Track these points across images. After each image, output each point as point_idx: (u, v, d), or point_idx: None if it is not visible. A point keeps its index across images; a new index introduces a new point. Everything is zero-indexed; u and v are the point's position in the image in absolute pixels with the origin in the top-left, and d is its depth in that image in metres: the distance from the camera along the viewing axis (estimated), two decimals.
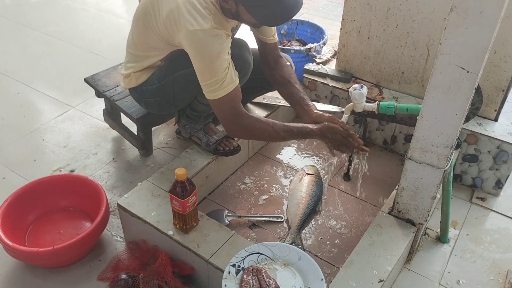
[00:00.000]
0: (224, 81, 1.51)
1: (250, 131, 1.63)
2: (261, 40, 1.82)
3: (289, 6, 1.46)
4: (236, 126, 1.62)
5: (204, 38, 1.48)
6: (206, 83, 1.53)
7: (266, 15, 1.47)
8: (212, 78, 1.50)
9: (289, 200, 1.86)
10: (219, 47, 1.50)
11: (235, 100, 1.58)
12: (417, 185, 1.51)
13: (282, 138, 1.68)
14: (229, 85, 1.53)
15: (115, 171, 2.12)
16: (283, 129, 1.64)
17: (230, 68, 1.53)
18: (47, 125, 2.41)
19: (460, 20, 1.15)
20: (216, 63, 1.49)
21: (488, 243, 1.81)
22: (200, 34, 1.47)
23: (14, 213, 1.70)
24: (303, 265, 1.40)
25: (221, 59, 1.50)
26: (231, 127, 1.63)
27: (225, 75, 1.51)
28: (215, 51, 1.49)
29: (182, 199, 1.45)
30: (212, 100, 1.56)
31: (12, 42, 3.27)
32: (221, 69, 1.50)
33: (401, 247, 1.53)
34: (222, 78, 1.51)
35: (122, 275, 1.54)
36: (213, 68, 1.50)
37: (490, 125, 1.95)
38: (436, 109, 1.32)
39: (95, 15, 3.73)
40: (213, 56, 1.49)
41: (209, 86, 1.52)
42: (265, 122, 1.64)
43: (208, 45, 1.48)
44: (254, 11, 1.47)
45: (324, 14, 3.82)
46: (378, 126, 2.17)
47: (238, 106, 1.59)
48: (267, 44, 1.83)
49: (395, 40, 2.03)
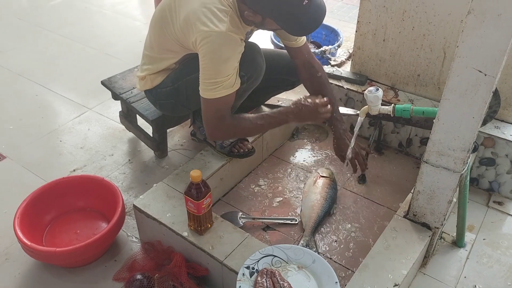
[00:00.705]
0: (224, 84, 1.53)
1: (229, 131, 1.66)
2: (286, 44, 1.83)
3: (316, 15, 1.49)
4: (218, 129, 1.63)
5: (218, 40, 1.49)
6: (205, 81, 1.54)
7: (295, 26, 1.50)
8: (213, 78, 1.52)
9: (303, 202, 1.86)
10: (231, 53, 1.51)
11: (225, 107, 1.59)
12: (433, 188, 1.49)
13: (261, 127, 1.68)
14: (227, 89, 1.54)
15: (131, 172, 2.15)
16: (259, 117, 1.65)
17: (234, 75, 1.55)
18: (65, 127, 2.45)
19: (477, 22, 1.14)
20: (222, 67, 1.51)
21: (505, 248, 1.78)
22: (215, 36, 1.49)
23: (32, 213, 1.72)
24: (317, 268, 1.40)
25: (228, 65, 1.51)
26: (214, 131, 1.65)
27: (226, 79, 1.53)
28: (226, 55, 1.51)
29: (197, 201, 1.46)
30: (204, 98, 1.57)
31: (30, 44, 3.32)
32: (225, 73, 1.52)
33: (416, 251, 1.51)
34: (223, 81, 1.52)
35: (138, 276, 1.55)
36: (218, 70, 1.52)
37: (508, 128, 1.92)
38: (453, 113, 1.31)
39: (111, 18, 3.77)
40: (222, 59, 1.51)
41: (207, 85, 1.54)
42: (242, 117, 1.66)
43: (220, 48, 1.50)
44: (283, 23, 1.49)
45: (339, 16, 3.81)
46: (393, 129, 2.16)
47: (225, 111, 1.60)
48: (291, 49, 1.84)
49: (411, 42, 2.01)
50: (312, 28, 1.53)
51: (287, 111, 1.66)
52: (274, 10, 1.47)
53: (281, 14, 1.47)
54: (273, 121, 1.66)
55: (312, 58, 1.87)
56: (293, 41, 1.81)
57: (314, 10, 1.47)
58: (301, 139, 2.28)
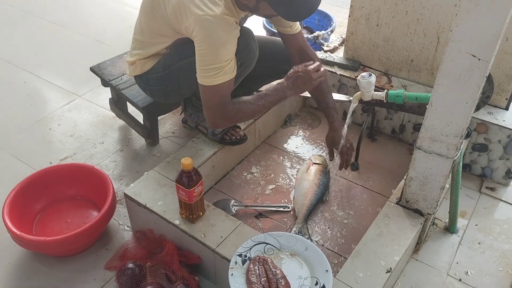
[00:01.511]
0: (225, 69, 1.49)
1: (233, 117, 1.63)
2: (280, 31, 1.80)
3: (311, 1, 1.45)
4: (221, 117, 1.60)
5: (214, 23, 1.46)
6: (204, 68, 1.50)
7: (290, 11, 1.46)
8: (213, 64, 1.48)
9: (296, 189, 1.85)
10: (228, 36, 1.48)
11: (226, 93, 1.56)
12: (426, 175, 1.49)
13: (263, 107, 1.64)
14: (227, 74, 1.51)
15: (122, 160, 2.12)
16: (258, 97, 1.62)
17: (233, 60, 1.51)
18: (54, 114, 2.41)
19: (471, 6, 1.12)
20: (221, 51, 1.47)
21: (497, 233, 1.79)
22: (210, 20, 1.45)
23: (21, 202, 1.70)
24: (310, 255, 1.39)
25: (226, 48, 1.48)
26: (216, 119, 1.61)
27: (226, 64, 1.49)
28: (223, 38, 1.47)
29: (188, 189, 1.44)
30: (205, 86, 1.53)
31: (18, 30, 3.26)
32: (224, 58, 1.48)
33: (409, 237, 1.51)
34: (223, 67, 1.49)
35: (129, 264, 1.54)
36: (217, 55, 1.48)
37: (500, 114, 1.91)
38: (446, 98, 1.30)
39: (100, 3, 3.70)
40: (220, 43, 1.47)
41: (207, 72, 1.50)
42: (242, 101, 1.61)
43: (216, 31, 1.46)
44: (277, 7, 1.45)
45: (332, 1, 3.76)
46: (387, 115, 2.14)
47: (227, 99, 1.57)
48: (285, 36, 1.80)
49: (404, 27, 1.99)
50: (306, 13, 1.49)
51: (283, 87, 1.62)
52: None
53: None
54: (272, 99, 1.62)
55: (306, 46, 1.84)
56: (288, 28, 1.77)
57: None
58: (294, 126, 2.27)
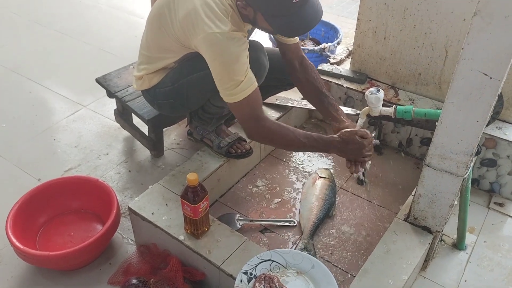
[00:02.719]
0: (243, 83, 1.48)
1: (271, 135, 1.59)
2: (280, 41, 1.78)
3: (308, 17, 1.43)
4: (256, 130, 1.58)
5: (223, 41, 1.45)
6: (224, 87, 1.50)
7: (284, 26, 1.44)
8: (231, 81, 1.48)
9: (302, 204, 1.83)
10: (238, 50, 1.47)
11: (256, 103, 1.54)
12: (435, 192, 1.47)
13: (303, 145, 1.60)
14: (248, 87, 1.49)
15: (126, 172, 2.11)
16: (303, 135, 1.59)
17: (249, 71, 1.50)
18: (59, 125, 2.41)
19: (484, 24, 1.10)
20: (235, 66, 1.47)
21: (506, 250, 1.76)
22: (219, 37, 1.44)
23: (25, 215, 1.69)
24: (317, 274, 1.37)
25: (240, 63, 1.47)
26: (251, 131, 1.60)
27: (244, 78, 1.48)
28: (234, 54, 1.46)
29: (193, 205, 1.42)
30: (231, 103, 1.52)
31: (24, 39, 3.27)
32: (240, 72, 1.47)
33: (417, 255, 1.49)
34: (241, 81, 1.48)
35: (133, 280, 1.53)
36: (232, 71, 1.47)
37: (509, 129, 1.89)
38: (456, 116, 1.28)
39: (106, 12, 3.72)
40: (233, 60, 1.46)
41: (228, 90, 1.49)
42: (285, 127, 1.60)
43: (227, 48, 1.45)
44: (272, 21, 1.44)
45: (338, 12, 3.76)
46: (393, 128, 2.12)
47: (258, 109, 1.56)
48: (286, 45, 1.78)
49: (412, 40, 1.98)
50: (302, 29, 1.47)
51: (332, 141, 1.59)
52: (262, 2, 1.42)
53: (269, 7, 1.42)
54: (316, 144, 1.59)
55: (305, 57, 1.83)
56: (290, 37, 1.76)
57: (306, 10, 1.42)
58: None
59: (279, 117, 2.08)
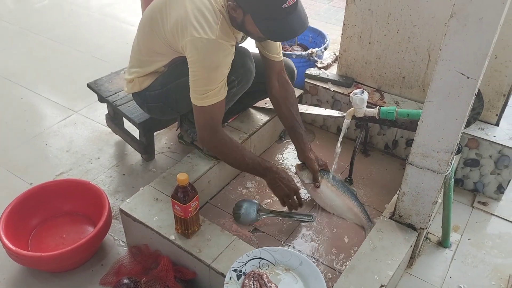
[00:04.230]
0: (214, 92, 1.54)
1: (221, 147, 1.66)
2: (266, 56, 1.82)
3: (295, 24, 1.48)
4: (209, 138, 1.63)
5: (208, 47, 1.49)
6: (196, 89, 1.55)
7: (272, 29, 1.48)
8: (204, 86, 1.53)
9: (339, 214, 1.85)
10: (221, 60, 1.52)
11: (217, 114, 1.61)
12: (418, 190, 1.51)
13: (245, 165, 1.69)
14: (216, 96, 1.55)
15: (118, 175, 2.13)
16: (249, 156, 1.68)
17: (224, 82, 1.55)
18: (50, 130, 2.43)
19: (460, 26, 1.16)
20: (213, 74, 1.52)
21: (489, 247, 1.81)
22: (205, 42, 1.49)
23: (17, 217, 1.71)
24: (305, 270, 1.40)
25: (219, 72, 1.52)
26: (205, 138, 1.65)
27: (217, 87, 1.53)
28: (216, 62, 1.51)
29: (184, 204, 1.46)
30: (196, 106, 1.58)
31: (16, 46, 3.29)
32: (216, 81, 1.53)
33: (402, 252, 1.53)
34: (213, 89, 1.53)
35: (124, 280, 1.55)
36: (209, 78, 1.52)
37: (491, 129, 1.95)
38: (436, 115, 1.33)
39: (98, 20, 3.75)
40: (212, 67, 1.51)
41: (198, 93, 1.55)
42: (236, 144, 1.69)
43: (210, 55, 1.50)
44: (260, 23, 1.48)
45: (326, 19, 3.83)
46: (380, 130, 2.17)
47: (217, 120, 1.62)
48: (271, 61, 1.83)
49: (396, 45, 2.04)
50: (288, 35, 1.51)
51: (270, 168, 1.69)
52: (253, 4, 1.46)
53: (259, 10, 1.46)
54: (257, 167, 1.69)
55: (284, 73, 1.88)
56: (275, 54, 1.81)
57: (294, 18, 1.46)
58: (289, 140, 2.29)
59: (268, 121, 2.12)
